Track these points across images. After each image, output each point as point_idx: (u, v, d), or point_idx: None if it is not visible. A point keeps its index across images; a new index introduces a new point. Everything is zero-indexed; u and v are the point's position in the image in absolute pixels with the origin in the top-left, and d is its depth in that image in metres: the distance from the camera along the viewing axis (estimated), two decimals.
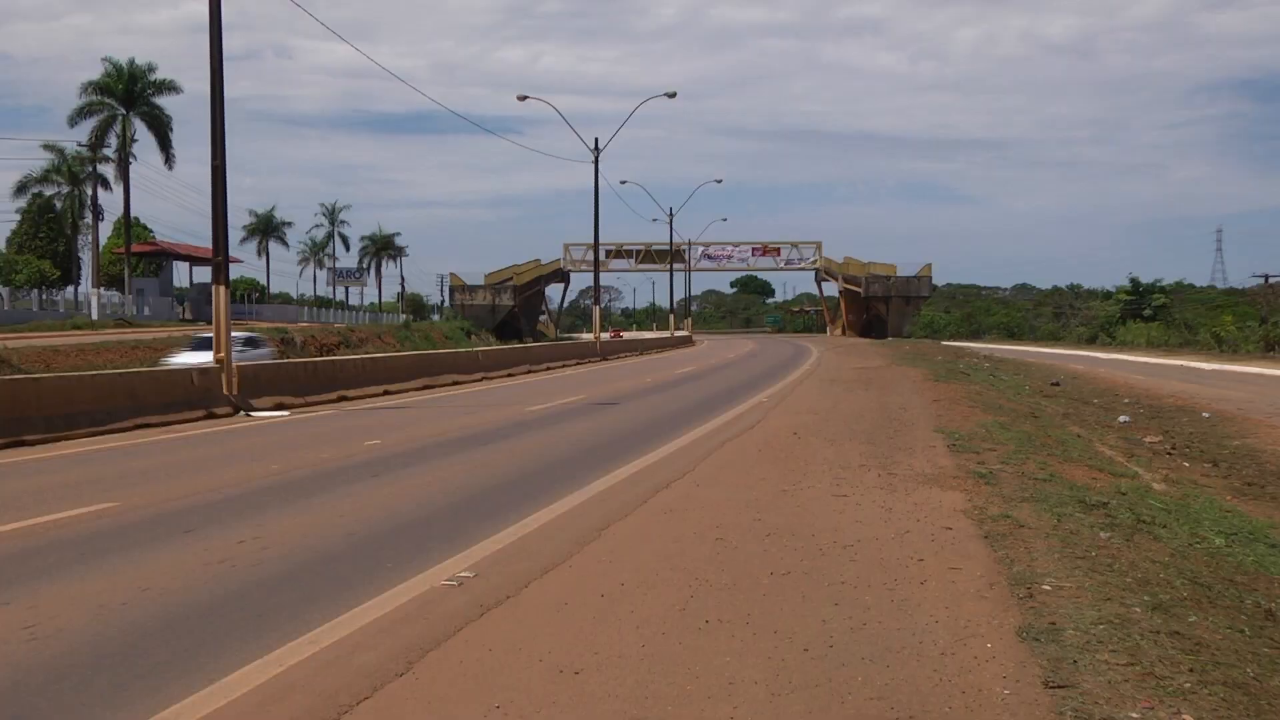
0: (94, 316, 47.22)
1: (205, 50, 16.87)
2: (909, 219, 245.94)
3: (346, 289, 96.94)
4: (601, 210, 61.29)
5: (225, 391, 16.83)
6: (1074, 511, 7.80)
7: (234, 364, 17.28)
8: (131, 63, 53.34)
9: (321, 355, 34.32)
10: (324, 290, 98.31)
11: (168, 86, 53.68)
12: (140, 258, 64.19)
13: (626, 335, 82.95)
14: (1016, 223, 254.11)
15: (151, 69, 53.68)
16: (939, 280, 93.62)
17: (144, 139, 54.32)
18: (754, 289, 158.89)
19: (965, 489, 8.79)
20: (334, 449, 12.08)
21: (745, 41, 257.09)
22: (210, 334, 20.77)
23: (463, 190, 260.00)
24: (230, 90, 18.46)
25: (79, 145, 56.27)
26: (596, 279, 45.83)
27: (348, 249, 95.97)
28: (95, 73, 77.48)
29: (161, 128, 53.74)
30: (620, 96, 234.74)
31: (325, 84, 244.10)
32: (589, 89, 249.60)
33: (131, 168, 54.14)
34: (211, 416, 16.09)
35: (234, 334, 19.73)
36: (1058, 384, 26.74)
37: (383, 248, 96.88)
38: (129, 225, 55.32)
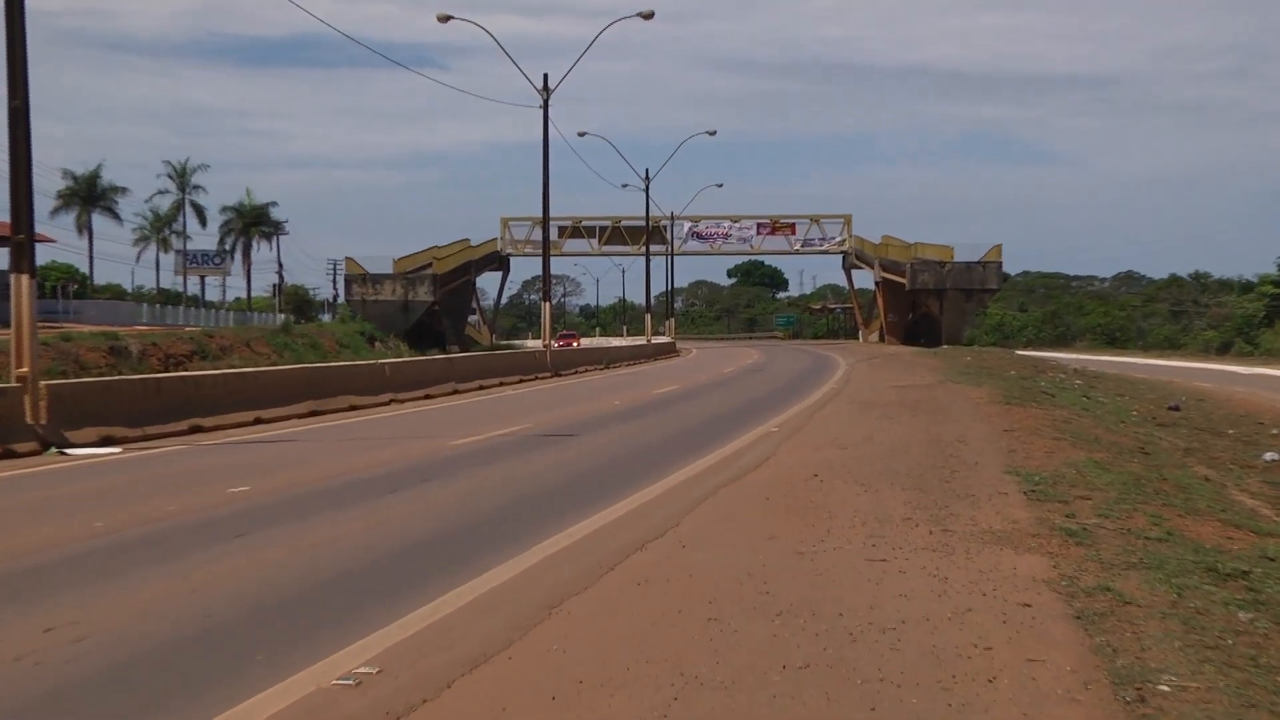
0: None
1: None
2: (971, 184, 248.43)
3: (203, 279, 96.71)
4: (554, 173, 61.35)
5: (30, 420, 16.72)
6: (1201, 583, 7.89)
7: (42, 383, 17.16)
8: None
9: (168, 370, 34.09)
10: (172, 281, 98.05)
11: None
12: None
13: (586, 343, 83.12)
14: (1120, 189, 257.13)
15: None
16: (1012, 267, 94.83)
17: None
18: (760, 279, 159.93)
19: (1049, 551, 8.88)
20: (184, 499, 12.07)
21: None
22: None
23: (363, 145, 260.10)
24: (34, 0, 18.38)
25: None
26: (546, 266, 45.58)
27: (204, 224, 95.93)
28: None
29: None
30: (580, 17, 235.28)
31: None
32: (536, 6, 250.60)
33: None
34: (10, 455, 15.98)
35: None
36: (1177, 408, 27.04)
37: (253, 223, 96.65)
38: None
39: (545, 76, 42.55)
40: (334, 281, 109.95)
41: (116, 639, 6.77)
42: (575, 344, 48.00)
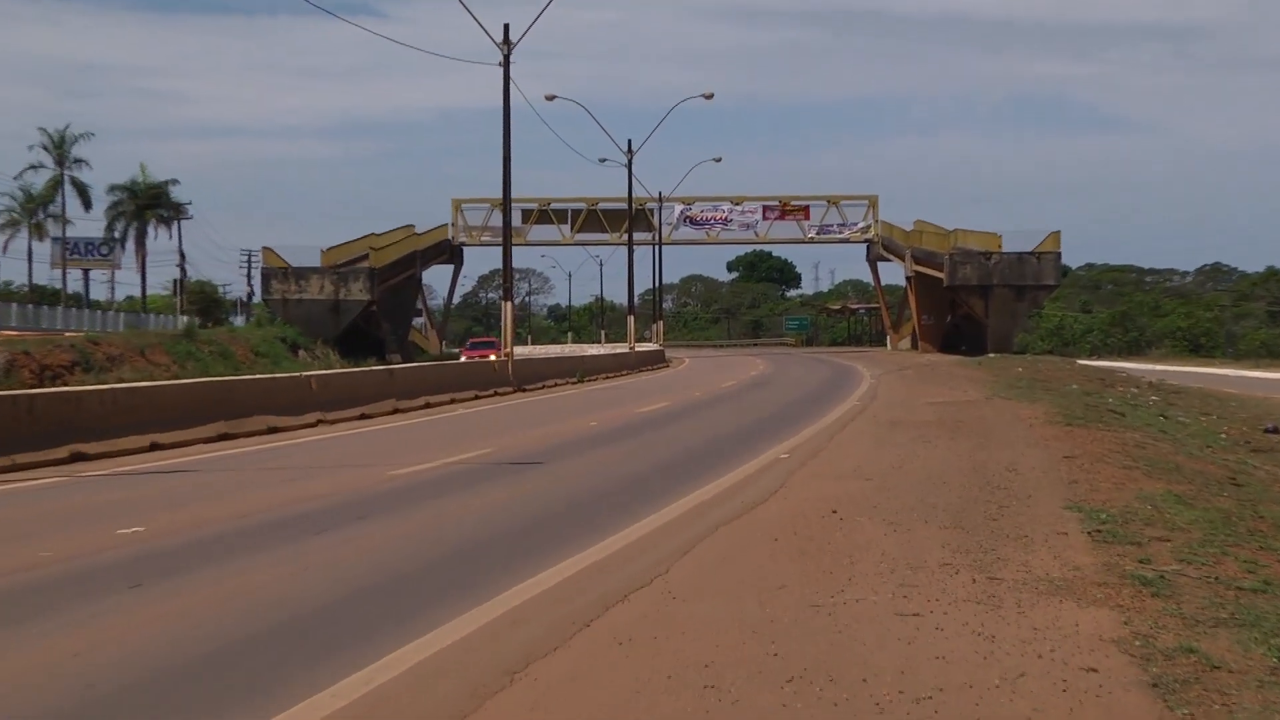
0: None
1: None
2: (1023, 158, 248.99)
3: (86, 273, 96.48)
4: (517, 146, 60.73)
5: None
6: None
7: None
8: None
9: (43, 385, 33.92)
10: (48, 276, 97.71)
11: None
12: None
13: (550, 350, 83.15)
14: (1206, 164, 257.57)
15: None
16: (1072, 259, 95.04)
17: None
18: (766, 274, 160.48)
19: (1118, 604, 8.88)
20: (62, 543, 11.97)
21: None
22: None
23: (283, 110, 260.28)
24: None
25: None
26: (508, 257, 45.42)
27: (88, 207, 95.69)
28: None
29: None
30: None
31: None
32: None
33: None
34: None
35: None
36: (1276, 430, 26.99)
37: (148, 205, 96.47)
38: None
39: (506, 28, 42.49)
40: (248, 277, 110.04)
41: None
42: (493, 356, 46.89)
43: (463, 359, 52.51)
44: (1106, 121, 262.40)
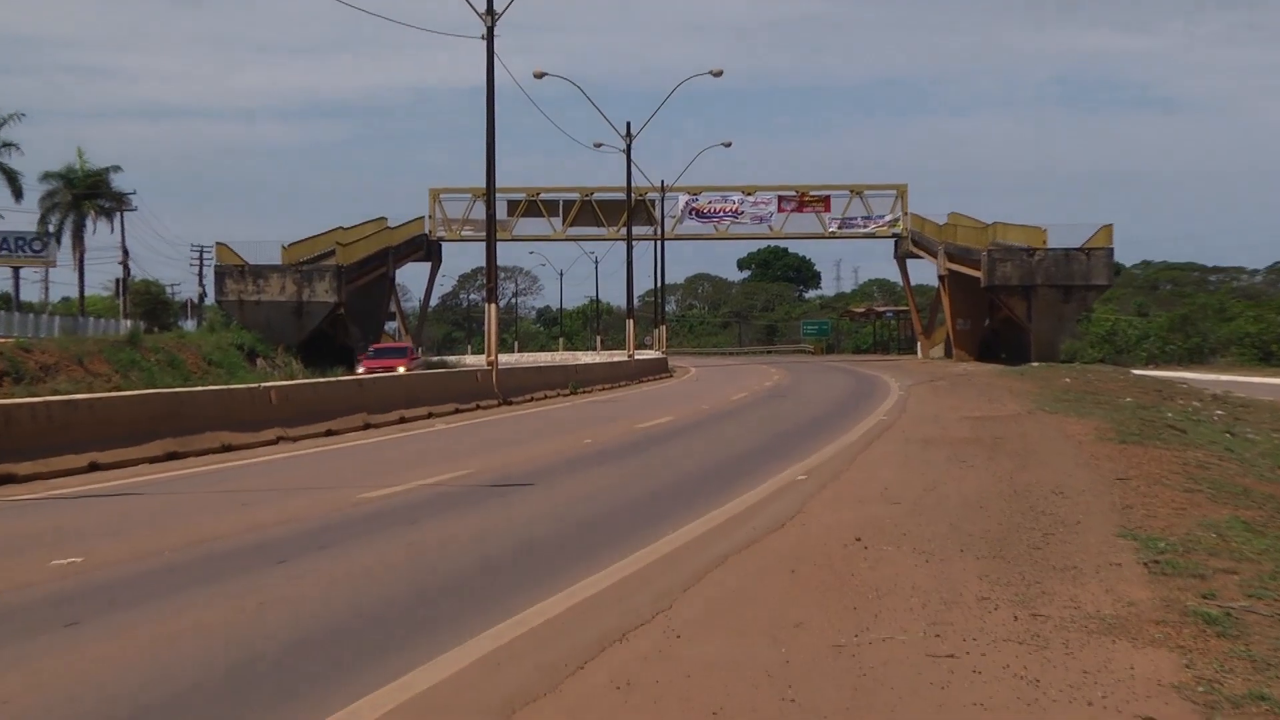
0: None
1: None
2: (1071, 142, 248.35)
3: (16, 272, 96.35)
4: (503, 129, 60.54)
5: None
6: None
7: None
8: None
9: None
10: None
11: None
12: None
13: (539, 359, 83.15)
14: (1278, 149, 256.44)
15: None
16: (1126, 256, 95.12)
17: None
18: (781, 273, 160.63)
19: (1179, 644, 8.88)
20: None
21: None
22: None
23: (241, 89, 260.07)
24: None
25: None
26: (491, 254, 45.40)
27: (18, 197, 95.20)
28: None
29: None
30: None
31: None
32: None
33: None
34: None
35: None
36: None
37: (86, 195, 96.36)
38: None
39: None
40: (200, 276, 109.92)
41: None
42: (402, 368, 45.13)
43: (361, 372, 49.33)
44: (1165, 101, 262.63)
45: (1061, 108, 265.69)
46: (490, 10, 42.20)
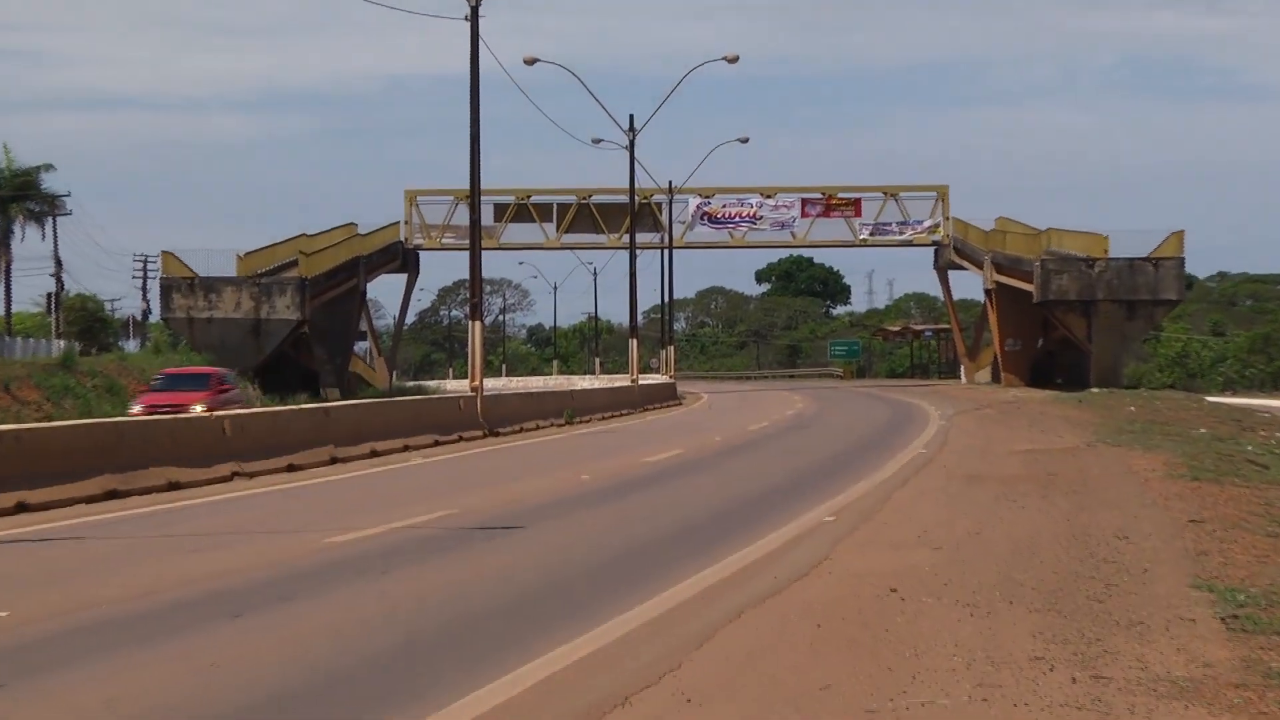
0: None
1: None
2: (1137, 137, 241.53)
3: None
4: (489, 122, 57.86)
5: None
6: None
7: None
8: None
9: None
10: None
11: None
12: None
13: (530, 384, 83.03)
14: None
15: None
16: (1199, 268, 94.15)
17: None
18: (805, 286, 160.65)
19: (1262, 711, 8.70)
20: None
21: None
22: None
23: (188, 76, 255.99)
24: None
25: None
26: (476, 264, 44.74)
27: None
28: None
29: None
30: None
31: None
32: None
33: None
34: None
35: None
36: None
37: (13, 198, 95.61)
38: None
39: None
40: (144, 290, 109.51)
41: None
42: (199, 407, 36.39)
43: (137, 411, 38.13)
44: (1243, 90, 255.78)
45: (1128, 97, 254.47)
46: None
